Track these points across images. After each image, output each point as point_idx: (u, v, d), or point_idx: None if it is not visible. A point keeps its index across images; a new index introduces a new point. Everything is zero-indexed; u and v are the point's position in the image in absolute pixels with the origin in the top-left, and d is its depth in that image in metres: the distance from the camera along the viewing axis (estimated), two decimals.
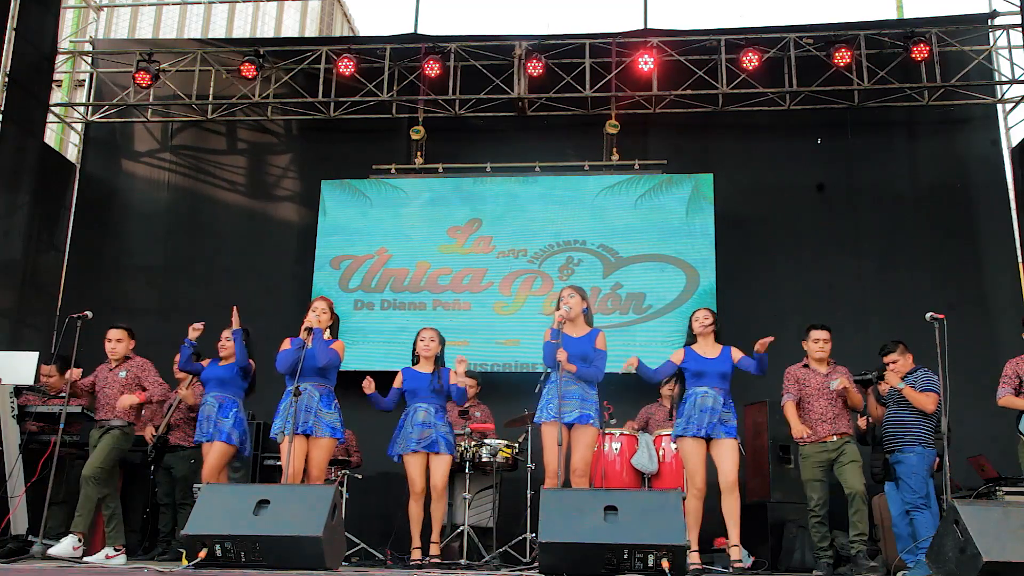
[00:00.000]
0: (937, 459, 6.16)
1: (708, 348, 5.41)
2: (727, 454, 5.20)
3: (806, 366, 5.75)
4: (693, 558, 5.13)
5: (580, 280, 7.92)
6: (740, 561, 5.15)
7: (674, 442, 5.54)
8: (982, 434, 6.80)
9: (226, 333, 5.83)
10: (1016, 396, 5.49)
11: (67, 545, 5.38)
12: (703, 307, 5.73)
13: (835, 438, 5.56)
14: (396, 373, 5.86)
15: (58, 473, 5.64)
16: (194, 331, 5.76)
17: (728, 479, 5.18)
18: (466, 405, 7.00)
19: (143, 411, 6.98)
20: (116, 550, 5.70)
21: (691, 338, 5.48)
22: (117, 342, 5.90)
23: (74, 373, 5.88)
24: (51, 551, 5.34)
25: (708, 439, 5.21)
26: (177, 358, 6.65)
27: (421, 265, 8.70)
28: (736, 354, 5.39)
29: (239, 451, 5.71)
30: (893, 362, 5.89)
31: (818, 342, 5.69)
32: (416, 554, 5.61)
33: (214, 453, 5.59)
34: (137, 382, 5.85)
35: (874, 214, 8.69)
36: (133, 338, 6.01)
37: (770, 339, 5.24)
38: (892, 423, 5.71)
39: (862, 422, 6.07)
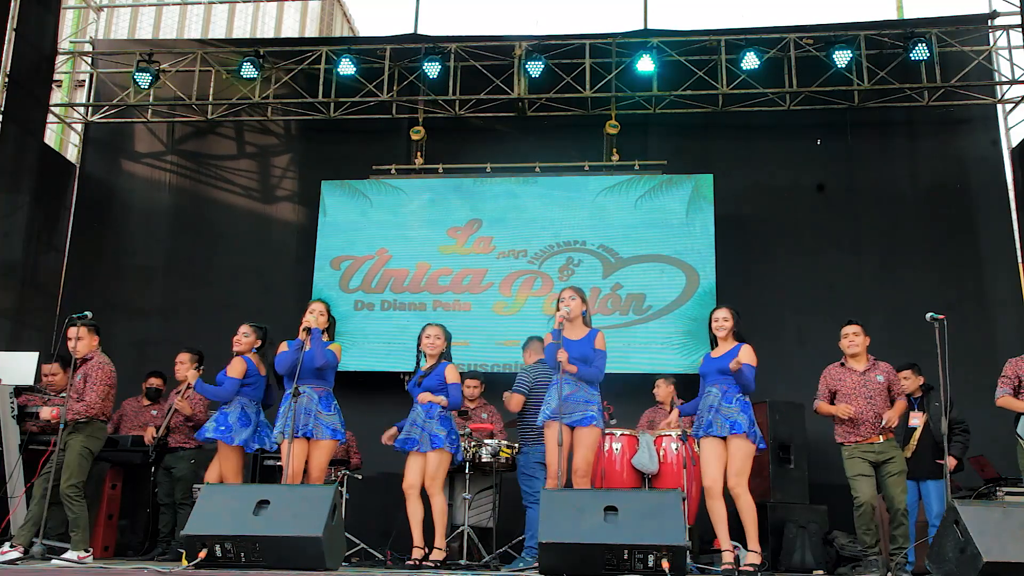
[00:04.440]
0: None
1: (721, 348, 5.20)
2: (732, 453, 5.01)
3: (843, 364, 5.64)
4: (727, 557, 4.97)
5: (580, 280, 7.92)
6: (731, 564, 5.07)
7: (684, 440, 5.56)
8: (982, 434, 6.78)
9: (244, 329, 5.75)
10: (1014, 397, 5.46)
11: (72, 556, 5.35)
12: (724, 306, 5.32)
13: (882, 439, 5.45)
14: (396, 374, 5.84)
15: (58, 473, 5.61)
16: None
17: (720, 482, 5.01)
18: (472, 406, 7.00)
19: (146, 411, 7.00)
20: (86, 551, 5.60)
21: (713, 341, 5.26)
22: (78, 340, 5.55)
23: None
24: (64, 556, 5.29)
25: (723, 437, 5.04)
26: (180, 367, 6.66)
27: (421, 266, 8.70)
28: (744, 354, 5.04)
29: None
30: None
31: (847, 336, 5.59)
32: (416, 553, 5.42)
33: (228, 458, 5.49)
34: (83, 386, 5.50)
35: (874, 214, 8.69)
36: (98, 334, 5.69)
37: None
38: None
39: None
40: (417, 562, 5.32)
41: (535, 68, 8.54)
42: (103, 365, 5.61)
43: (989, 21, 8.74)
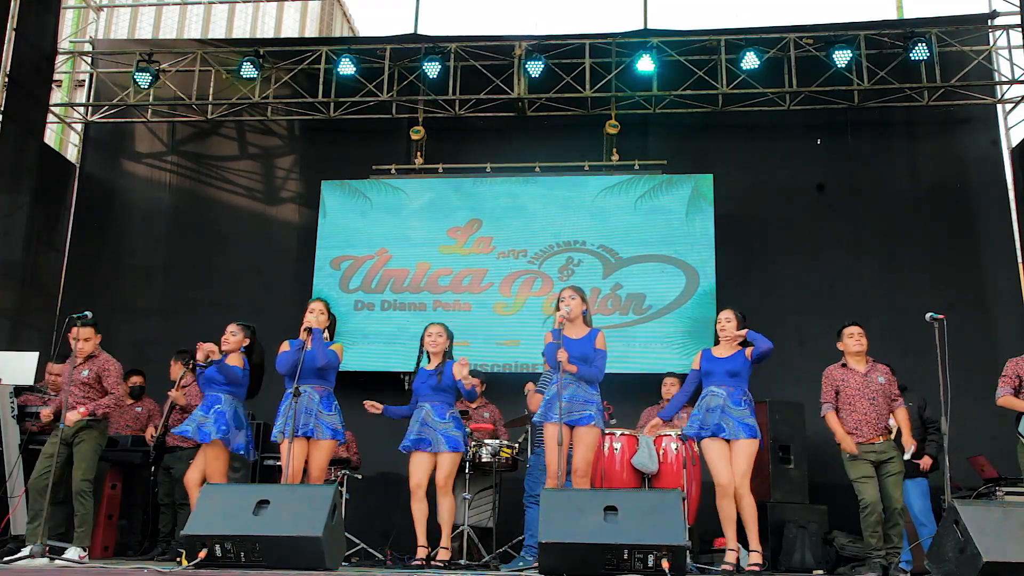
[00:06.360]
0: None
1: (726, 349, 5.28)
2: (738, 456, 5.06)
3: (844, 365, 5.61)
4: (731, 557, 5.02)
5: (580, 280, 7.91)
6: (732, 564, 5.07)
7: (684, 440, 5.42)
8: (982, 434, 6.80)
9: (231, 327, 5.72)
10: (1015, 396, 5.47)
11: (73, 554, 5.35)
12: (729, 308, 5.44)
13: (882, 440, 5.46)
14: (396, 373, 5.83)
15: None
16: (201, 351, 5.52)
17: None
18: (473, 405, 7.00)
19: (139, 410, 7.00)
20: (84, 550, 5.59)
21: (716, 339, 5.35)
22: (84, 341, 5.63)
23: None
24: (66, 555, 5.29)
25: (728, 440, 5.07)
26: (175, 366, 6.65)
27: (421, 266, 8.70)
28: (748, 351, 5.25)
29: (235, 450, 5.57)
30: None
31: (853, 336, 5.57)
32: (420, 552, 5.40)
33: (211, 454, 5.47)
34: (97, 381, 5.63)
35: (874, 214, 8.68)
36: (99, 333, 5.78)
37: None
38: None
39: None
40: (424, 562, 5.32)
41: (535, 68, 8.54)
42: (114, 361, 5.72)
43: (989, 21, 8.74)
